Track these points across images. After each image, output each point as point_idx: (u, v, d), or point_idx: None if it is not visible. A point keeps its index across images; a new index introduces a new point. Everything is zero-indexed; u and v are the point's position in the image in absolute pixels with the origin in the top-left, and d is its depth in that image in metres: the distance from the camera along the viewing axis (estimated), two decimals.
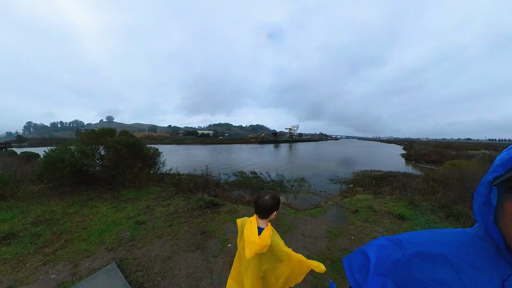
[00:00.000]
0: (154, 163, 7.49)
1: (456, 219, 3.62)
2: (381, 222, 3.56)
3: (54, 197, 4.46)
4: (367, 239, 2.90)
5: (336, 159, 26.55)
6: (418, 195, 4.98)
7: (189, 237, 2.76)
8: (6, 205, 3.83)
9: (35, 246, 2.54)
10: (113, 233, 2.82)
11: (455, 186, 5.40)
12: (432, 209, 4.03)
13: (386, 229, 3.32)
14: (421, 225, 3.47)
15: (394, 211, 3.95)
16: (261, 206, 1.14)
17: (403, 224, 3.50)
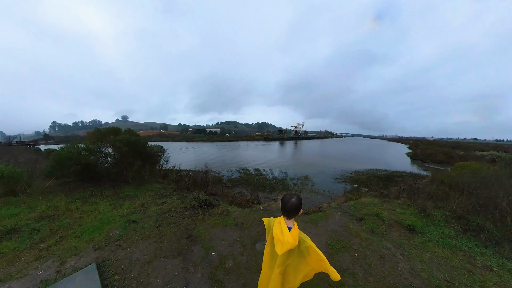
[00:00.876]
0: (156, 160, 7.62)
1: (475, 234, 3.02)
2: (390, 235, 3.09)
3: (61, 193, 4.67)
4: (373, 257, 2.52)
5: (341, 157, 25.94)
6: (429, 201, 4.37)
7: (174, 241, 2.70)
8: (16, 200, 4.07)
9: (33, 241, 2.66)
10: (104, 231, 2.90)
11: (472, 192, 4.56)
12: (446, 220, 3.46)
13: (395, 245, 2.82)
14: (435, 240, 2.91)
15: (403, 220, 3.50)
16: (290, 209, 1.30)
17: (414, 238, 2.99)
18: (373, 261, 2.45)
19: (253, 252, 2.53)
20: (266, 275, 1.51)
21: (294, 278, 1.41)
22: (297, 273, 1.42)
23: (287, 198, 1.32)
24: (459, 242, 2.84)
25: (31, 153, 13.44)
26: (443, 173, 8.14)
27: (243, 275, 2.09)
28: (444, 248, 2.69)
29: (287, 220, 1.37)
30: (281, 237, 1.28)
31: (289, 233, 1.29)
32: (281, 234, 1.29)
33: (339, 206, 4.48)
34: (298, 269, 1.42)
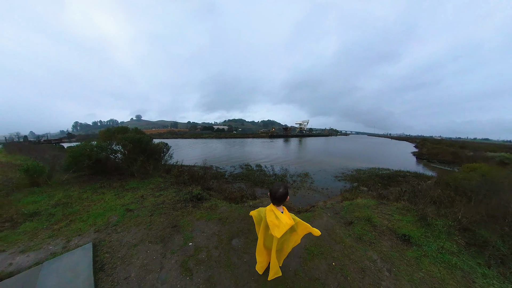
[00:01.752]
0: (160, 156, 8.11)
1: (480, 251, 2.48)
2: (379, 244, 2.66)
3: (75, 184, 5.24)
4: (352, 269, 2.19)
5: (343, 155, 25.41)
6: (431, 207, 3.78)
7: (160, 229, 2.93)
8: (39, 190, 4.66)
9: (48, 223, 3.15)
10: (105, 217, 3.33)
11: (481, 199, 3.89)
12: (449, 232, 2.87)
13: (382, 257, 2.39)
14: (432, 255, 2.41)
15: (398, 228, 2.99)
16: (279, 197, 1.48)
17: (408, 251, 2.51)
18: (351, 273, 2.14)
19: (227, 247, 2.55)
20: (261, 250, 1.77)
21: (287, 248, 1.72)
22: (289, 244, 1.72)
23: (275, 189, 1.51)
24: (460, 260, 2.34)
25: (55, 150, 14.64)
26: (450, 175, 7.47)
27: (211, 268, 2.16)
28: (441, 267, 2.24)
29: (277, 206, 1.55)
30: (277, 222, 1.42)
31: (284, 216, 1.46)
32: (276, 219, 1.44)
33: (332, 206, 4.20)
34: (290, 240, 1.72)
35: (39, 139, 44.77)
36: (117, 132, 6.80)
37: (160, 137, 55.70)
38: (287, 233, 1.57)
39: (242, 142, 45.86)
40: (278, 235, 1.41)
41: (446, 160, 19.90)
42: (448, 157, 20.63)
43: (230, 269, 2.15)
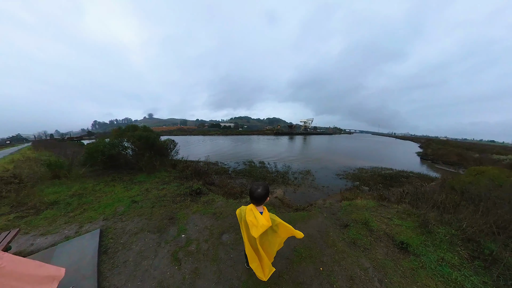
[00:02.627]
0: (167, 152, 8.43)
1: (486, 266, 2.11)
2: (373, 251, 2.42)
3: (91, 177, 5.66)
4: (341, 276, 2.03)
5: (346, 153, 24.83)
6: (434, 212, 3.43)
7: (159, 220, 3.10)
8: (59, 182, 5.10)
9: (65, 211, 3.49)
10: (113, 207, 3.62)
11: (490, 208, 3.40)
12: (451, 241, 2.53)
13: (375, 265, 2.18)
14: (430, 267, 2.13)
15: (396, 234, 2.72)
16: (257, 197, 1.41)
17: (404, 260, 2.25)
18: (338, 281, 1.98)
19: (217, 241, 2.58)
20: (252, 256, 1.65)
21: (272, 250, 1.65)
22: (273, 246, 1.63)
23: (254, 188, 1.42)
24: (461, 275, 2.02)
25: (76, 147, 15.61)
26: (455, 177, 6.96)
27: (198, 260, 2.22)
28: (438, 281, 1.97)
29: (257, 206, 1.46)
30: (255, 222, 1.37)
31: (262, 217, 1.37)
32: (254, 219, 1.38)
33: (330, 206, 4.01)
34: (273, 242, 1.62)
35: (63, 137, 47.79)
36: (127, 130, 7.16)
37: (170, 134, 57.25)
38: (268, 234, 1.55)
39: (247, 139, 46.06)
40: (255, 235, 1.37)
41: (451, 162, 18.91)
42: (453, 159, 19.63)
43: (216, 263, 2.18)
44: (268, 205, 4.09)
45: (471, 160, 17.24)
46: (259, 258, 1.62)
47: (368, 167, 15.20)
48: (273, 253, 1.70)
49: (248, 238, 1.61)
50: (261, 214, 1.41)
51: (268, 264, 1.65)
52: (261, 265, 1.66)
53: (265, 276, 1.67)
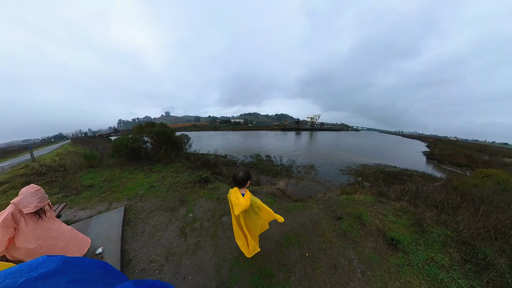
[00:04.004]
0: (181, 145, 8.95)
1: (477, 271, 1.93)
2: (362, 244, 2.33)
3: (117, 167, 6.30)
4: (324, 264, 2.01)
5: (352, 149, 23.84)
6: (432, 211, 3.22)
7: (172, 201, 3.43)
8: (94, 170, 5.79)
9: (99, 192, 4.03)
10: (135, 190, 4.08)
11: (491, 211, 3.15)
12: (444, 242, 2.35)
13: (361, 258, 2.11)
14: (418, 266, 2.01)
15: (389, 230, 2.58)
16: (238, 180, 1.55)
17: (391, 256, 2.14)
18: (321, 268, 1.96)
19: (217, 221, 2.78)
20: (238, 233, 1.81)
21: (255, 229, 1.74)
22: (256, 226, 1.72)
23: (236, 172, 1.56)
24: (448, 277, 1.87)
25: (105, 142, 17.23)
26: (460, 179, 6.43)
27: (200, 235, 2.47)
28: (424, 280, 1.84)
29: (240, 189, 1.58)
30: (237, 202, 1.50)
31: (242, 197, 1.49)
32: (236, 199, 1.51)
33: (328, 199, 3.89)
34: (256, 223, 1.71)
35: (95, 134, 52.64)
36: (146, 127, 7.72)
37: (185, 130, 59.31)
38: (251, 215, 1.66)
39: (256, 134, 46.16)
40: (236, 213, 1.51)
41: (458, 163, 17.35)
42: (461, 160, 17.91)
43: (214, 239, 2.41)
44: (269, 195, 4.20)
45: (480, 162, 15.73)
46: (245, 237, 1.76)
47: (372, 164, 14.59)
48: (257, 233, 1.77)
49: (235, 217, 1.73)
50: (242, 196, 1.53)
51: (253, 243, 1.76)
52: (246, 243, 1.80)
53: (248, 254, 1.82)
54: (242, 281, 1.79)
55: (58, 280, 0.38)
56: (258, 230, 1.79)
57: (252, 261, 1.99)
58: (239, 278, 1.82)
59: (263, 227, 1.82)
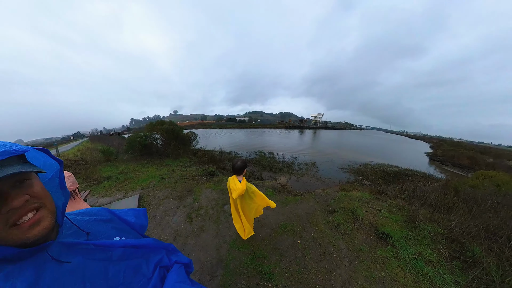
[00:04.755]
0: (189, 142, 9.28)
1: (464, 267, 1.92)
2: (353, 236, 2.37)
3: (131, 161, 6.70)
4: (315, 251, 2.08)
5: (354, 148, 23.15)
6: (426, 209, 3.17)
7: (180, 191, 3.68)
8: (111, 164, 6.22)
9: (116, 182, 4.37)
10: (148, 181, 4.39)
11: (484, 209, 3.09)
12: (434, 239, 2.33)
13: (350, 249, 2.16)
14: (404, 259, 2.01)
15: (381, 225, 2.56)
16: (236, 168, 1.70)
17: (379, 249, 2.16)
18: (311, 254, 2.03)
19: (220, 209, 2.99)
20: (235, 217, 1.94)
21: (250, 213, 1.88)
22: (251, 210, 1.86)
23: (234, 162, 1.71)
24: (434, 271, 1.85)
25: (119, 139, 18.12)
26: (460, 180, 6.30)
27: (204, 220, 2.69)
28: (409, 273, 1.84)
29: (238, 176, 1.72)
30: (235, 187, 1.66)
31: (239, 183, 1.66)
32: (234, 185, 1.68)
33: (325, 195, 3.88)
34: (251, 207, 1.85)
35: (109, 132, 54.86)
36: (157, 125, 8.07)
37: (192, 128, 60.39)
38: (247, 199, 1.80)
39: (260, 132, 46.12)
40: (234, 197, 1.68)
41: (461, 164, 16.59)
42: (464, 162, 17.07)
43: (217, 223, 2.60)
44: (270, 189, 4.33)
45: (484, 164, 14.92)
46: (241, 220, 1.92)
47: (373, 163, 14.08)
48: (251, 217, 1.91)
49: (233, 202, 1.87)
50: (239, 182, 1.69)
51: (248, 227, 1.92)
52: (242, 227, 1.96)
53: (244, 236, 1.99)
54: (238, 259, 1.96)
55: (108, 225, 0.54)
56: (253, 214, 1.91)
57: (249, 244, 2.16)
58: (236, 257, 1.98)
59: (257, 211, 1.94)
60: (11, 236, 0.32)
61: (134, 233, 0.62)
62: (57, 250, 0.38)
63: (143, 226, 0.68)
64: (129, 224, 0.62)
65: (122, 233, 0.54)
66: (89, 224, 0.50)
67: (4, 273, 0.31)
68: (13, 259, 0.33)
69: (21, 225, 0.32)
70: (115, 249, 0.45)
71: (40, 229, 0.34)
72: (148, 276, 0.46)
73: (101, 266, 0.41)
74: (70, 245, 0.40)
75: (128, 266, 0.45)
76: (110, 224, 0.55)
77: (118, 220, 0.59)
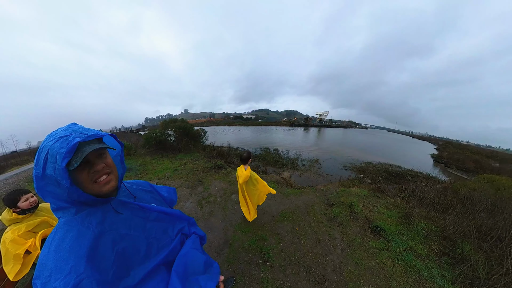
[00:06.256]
0: (199, 138, 9.57)
1: (452, 263, 1.90)
2: (348, 228, 2.39)
3: (148, 155, 7.13)
4: (311, 238, 2.15)
5: (357, 147, 22.38)
6: (423, 208, 3.12)
7: (191, 181, 3.95)
8: (130, 157, 6.66)
9: (136, 173, 4.74)
10: (163, 173, 4.70)
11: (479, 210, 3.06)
12: (427, 235, 2.32)
13: (344, 238, 2.19)
14: (395, 251, 2.01)
15: (376, 220, 2.56)
16: (242, 158, 1.92)
17: (373, 241, 2.16)
18: (307, 240, 2.11)
19: (227, 198, 3.17)
20: (242, 201, 2.14)
21: (253, 199, 2.06)
22: (254, 196, 2.04)
23: (241, 153, 1.95)
24: (422, 265, 1.86)
25: (137, 136, 19.17)
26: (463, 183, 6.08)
27: (214, 206, 2.87)
28: (398, 264, 1.86)
29: (244, 165, 1.94)
30: (241, 174, 1.90)
31: (245, 171, 1.90)
32: (241, 172, 1.92)
33: (325, 190, 3.85)
34: (254, 193, 2.03)
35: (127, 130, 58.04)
36: (170, 123, 8.42)
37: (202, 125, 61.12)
38: (250, 185, 1.98)
39: (266, 129, 45.90)
40: (240, 182, 1.93)
41: (466, 168, 15.41)
42: (469, 165, 15.85)
43: (224, 210, 2.76)
44: (273, 182, 4.44)
45: (489, 168, 13.85)
46: (247, 204, 2.11)
47: (376, 162, 13.59)
48: (255, 202, 2.08)
49: (240, 187, 2.08)
50: (245, 170, 1.92)
51: (253, 210, 2.11)
52: (248, 210, 2.15)
53: (250, 218, 2.17)
54: (241, 240, 2.13)
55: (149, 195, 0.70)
56: (256, 200, 2.07)
57: (251, 228, 2.31)
58: (240, 238, 2.15)
59: (259, 198, 2.09)
60: (93, 188, 0.47)
61: (165, 204, 0.79)
62: (116, 204, 0.53)
63: (172, 201, 0.87)
64: (162, 197, 0.79)
65: (157, 202, 0.72)
66: (136, 191, 0.66)
67: (87, 211, 0.48)
68: (91, 204, 0.48)
69: (99, 182, 0.47)
70: (151, 212, 0.59)
71: (110, 187, 0.49)
72: (172, 238, 0.59)
73: (142, 221, 0.55)
74: (124, 203, 0.55)
75: (159, 226, 0.58)
76: (150, 194, 0.71)
77: (156, 192, 0.76)
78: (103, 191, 0.48)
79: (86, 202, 0.47)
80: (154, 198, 0.72)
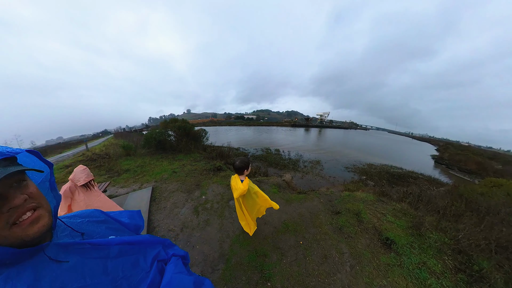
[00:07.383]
0: (199, 139, 9.40)
1: (469, 281, 1.72)
2: (356, 240, 2.19)
3: (148, 155, 6.96)
4: (316, 253, 1.95)
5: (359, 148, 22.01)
6: (433, 216, 2.87)
7: (189, 185, 3.72)
8: (130, 158, 6.52)
9: (133, 175, 4.55)
10: (161, 175, 4.50)
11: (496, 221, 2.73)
12: (440, 249, 2.09)
13: (353, 253, 2.00)
14: (407, 268, 1.83)
15: (385, 230, 2.37)
16: (237, 168, 1.61)
17: (383, 255, 1.99)
18: (313, 256, 1.92)
19: (225, 204, 2.97)
20: (240, 215, 1.90)
21: (252, 213, 1.80)
22: (253, 210, 1.77)
23: (234, 161, 1.64)
24: (438, 283, 1.69)
25: (139, 136, 19.13)
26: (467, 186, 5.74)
27: (210, 213, 2.68)
28: (411, 282, 1.70)
29: (240, 176, 1.62)
30: (236, 186, 1.59)
31: (241, 183, 1.57)
32: (236, 184, 1.61)
33: (330, 194, 3.70)
34: (253, 207, 1.75)
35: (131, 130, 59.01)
36: (170, 122, 8.26)
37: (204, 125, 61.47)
38: (249, 199, 1.70)
39: (267, 130, 45.73)
40: (235, 196, 1.61)
41: (468, 169, 14.95)
42: (471, 166, 15.33)
43: (221, 218, 2.56)
44: (275, 185, 4.20)
45: (492, 170, 13.38)
46: (245, 218, 1.86)
47: (378, 163, 13.27)
48: (254, 216, 1.83)
49: (236, 200, 1.79)
50: (241, 182, 1.59)
51: (252, 223, 1.88)
52: (248, 224, 1.91)
53: (251, 232, 1.95)
54: (239, 255, 1.90)
55: (102, 226, 0.53)
56: (255, 214, 1.83)
57: (251, 241, 2.07)
58: (238, 253, 1.93)
59: (259, 212, 1.84)
60: (12, 234, 0.31)
61: (130, 232, 0.60)
62: (54, 251, 0.37)
63: (138, 226, 0.66)
64: (123, 225, 0.60)
65: (117, 232, 0.54)
66: (82, 225, 0.49)
67: (4, 276, 0.31)
68: (12, 262, 0.32)
69: (22, 223, 0.33)
70: (111, 246, 0.44)
71: (40, 226, 0.34)
72: (147, 270, 0.46)
73: (100, 263, 0.40)
74: (66, 246, 0.40)
75: (126, 261, 0.44)
76: (104, 225, 0.54)
77: (112, 221, 0.57)
78: (29, 235, 0.33)
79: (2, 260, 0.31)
80: (112, 228, 0.55)
